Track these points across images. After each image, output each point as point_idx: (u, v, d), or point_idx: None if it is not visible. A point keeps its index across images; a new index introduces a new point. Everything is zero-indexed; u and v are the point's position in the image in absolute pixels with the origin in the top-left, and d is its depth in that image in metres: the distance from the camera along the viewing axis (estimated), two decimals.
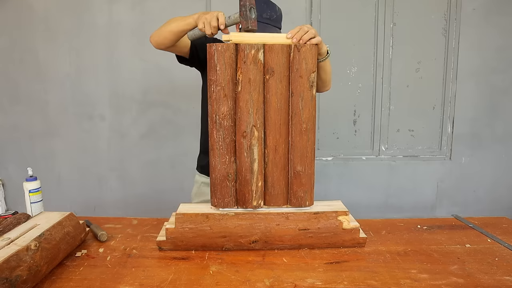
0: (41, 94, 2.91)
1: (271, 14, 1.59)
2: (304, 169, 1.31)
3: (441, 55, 2.96)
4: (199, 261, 1.22)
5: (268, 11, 1.58)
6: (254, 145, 1.27)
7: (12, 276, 0.93)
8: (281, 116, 1.28)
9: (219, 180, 1.31)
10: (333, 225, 1.29)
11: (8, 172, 3.00)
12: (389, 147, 3.06)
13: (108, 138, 2.97)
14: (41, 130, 2.96)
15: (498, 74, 2.95)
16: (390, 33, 2.92)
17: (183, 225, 1.27)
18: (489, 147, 3.03)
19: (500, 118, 3.01)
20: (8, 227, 1.19)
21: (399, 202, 3.05)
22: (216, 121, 1.27)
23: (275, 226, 1.28)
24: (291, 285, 1.07)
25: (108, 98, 2.92)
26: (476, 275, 1.12)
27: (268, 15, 1.58)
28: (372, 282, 1.08)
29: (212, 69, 1.25)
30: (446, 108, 3.01)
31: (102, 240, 1.37)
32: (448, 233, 1.45)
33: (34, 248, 1.04)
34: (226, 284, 1.08)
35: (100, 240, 1.37)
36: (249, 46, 1.22)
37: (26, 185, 1.51)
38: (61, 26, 2.84)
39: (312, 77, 1.26)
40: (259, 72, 1.25)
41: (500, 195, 3.08)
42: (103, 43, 2.86)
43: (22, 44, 2.86)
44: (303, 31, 1.26)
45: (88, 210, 2.96)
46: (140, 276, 1.12)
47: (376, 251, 1.29)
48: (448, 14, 2.91)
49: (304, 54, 1.25)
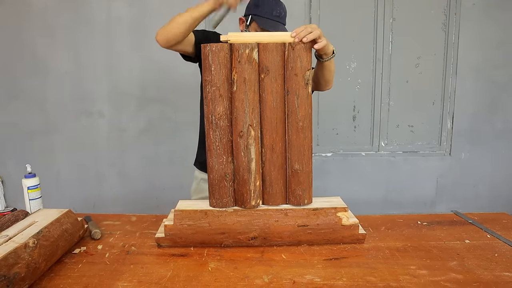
0: (40, 90, 2.91)
1: (280, 12, 1.60)
2: (302, 167, 1.30)
3: (441, 50, 2.95)
4: (197, 257, 1.22)
5: (277, 9, 1.59)
6: (251, 144, 1.26)
7: (10, 274, 0.93)
8: (277, 115, 1.27)
9: (217, 181, 1.30)
10: (332, 222, 1.29)
11: (7, 169, 3.00)
12: (388, 143, 3.06)
13: (107, 135, 2.97)
14: (40, 126, 2.95)
15: (498, 69, 2.94)
16: (389, 28, 2.91)
17: (182, 222, 1.27)
18: (489, 143, 3.03)
19: (500, 113, 3.00)
20: (6, 224, 1.19)
21: (398, 198, 3.05)
22: (212, 122, 1.27)
23: (274, 223, 1.28)
24: (290, 281, 1.07)
25: (107, 94, 2.92)
26: (476, 271, 1.12)
27: (277, 13, 1.59)
28: (371, 278, 1.08)
29: (207, 69, 1.24)
30: (446, 103, 3.01)
31: (96, 238, 1.35)
32: (447, 229, 1.45)
33: (32, 245, 1.04)
34: (224, 281, 1.07)
35: (93, 238, 1.36)
36: (243, 46, 1.21)
37: (24, 182, 1.51)
38: (60, 22, 2.83)
39: (307, 75, 1.25)
40: (254, 71, 1.24)
41: (499, 191, 3.08)
42: (102, 39, 2.85)
43: (20, 40, 2.85)
44: (307, 31, 1.24)
45: (87, 207, 2.97)
46: (139, 273, 1.12)
47: (375, 247, 1.29)
48: (448, 9, 2.89)
49: (298, 52, 1.24)
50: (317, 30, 1.25)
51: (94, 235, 1.36)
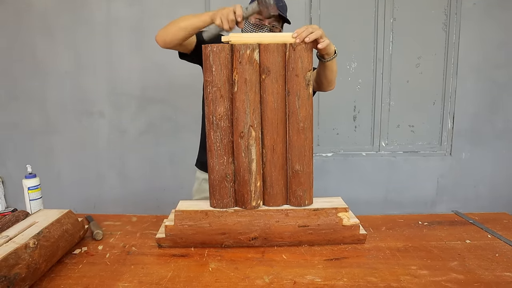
0: (40, 91, 2.91)
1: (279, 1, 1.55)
2: (303, 168, 1.30)
3: (441, 50, 2.95)
4: (198, 258, 1.22)
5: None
6: (252, 145, 1.26)
7: (10, 274, 0.93)
8: (278, 116, 1.27)
9: (217, 181, 1.30)
10: (333, 222, 1.29)
11: (7, 170, 3.00)
12: (389, 143, 3.06)
13: (108, 135, 2.97)
14: (40, 127, 2.95)
15: (498, 69, 2.94)
16: (390, 28, 2.90)
17: (183, 222, 1.27)
18: (490, 143, 3.03)
19: (501, 113, 3.00)
20: (7, 224, 1.19)
21: (399, 198, 3.05)
22: (213, 122, 1.26)
23: (274, 223, 1.28)
24: (290, 281, 1.07)
25: (107, 95, 2.91)
26: (476, 271, 1.12)
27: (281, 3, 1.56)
28: (372, 279, 1.08)
29: (208, 70, 1.24)
30: (447, 103, 3.00)
31: (97, 239, 1.35)
32: (448, 229, 1.45)
33: (33, 246, 1.04)
34: (225, 281, 1.07)
35: (95, 239, 1.36)
36: (244, 46, 1.21)
37: (25, 182, 1.51)
38: (60, 23, 2.83)
39: (308, 76, 1.25)
40: (255, 72, 1.24)
41: (500, 191, 3.07)
42: (102, 40, 2.85)
43: (20, 41, 2.85)
44: (308, 31, 1.23)
45: (88, 207, 2.96)
46: (139, 273, 1.12)
47: (376, 248, 1.29)
48: (448, 9, 2.89)
49: (299, 53, 1.23)
50: (318, 30, 1.25)
51: (96, 235, 1.36)
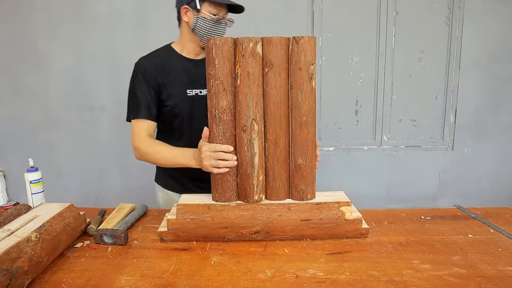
0: (42, 85, 2.90)
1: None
2: (305, 162, 1.30)
3: (444, 44, 2.93)
4: (200, 252, 1.22)
5: None
6: (254, 139, 1.26)
7: (13, 268, 0.93)
8: (281, 109, 1.26)
9: (219, 175, 1.30)
10: (335, 216, 1.28)
11: (9, 163, 3.00)
12: (391, 137, 3.05)
13: (109, 129, 2.96)
14: (42, 121, 2.95)
15: (501, 63, 2.92)
16: (392, 22, 2.89)
17: (185, 216, 1.27)
18: (492, 137, 3.02)
19: (503, 108, 2.98)
20: (9, 218, 1.19)
21: (401, 193, 3.05)
22: (216, 116, 1.26)
23: (277, 217, 1.28)
24: (292, 275, 1.07)
25: (108, 89, 2.91)
26: (479, 265, 1.12)
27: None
28: (374, 273, 1.08)
29: (210, 63, 1.23)
30: (449, 97, 2.99)
31: (90, 234, 1.32)
32: (450, 223, 1.44)
33: (35, 239, 1.04)
34: (227, 275, 1.07)
35: (88, 233, 1.33)
36: (247, 39, 1.20)
37: (27, 176, 1.51)
38: (61, 17, 2.82)
39: (311, 69, 1.24)
40: (258, 65, 1.23)
41: (502, 185, 3.07)
42: (103, 34, 2.84)
43: (21, 35, 2.84)
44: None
45: (89, 201, 2.97)
46: (141, 267, 1.12)
47: (378, 242, 1.29)
48: (451, 2, 2.87)
49: (303, 46, 1.22)
50: None
51: (89, 230, 1.33)
